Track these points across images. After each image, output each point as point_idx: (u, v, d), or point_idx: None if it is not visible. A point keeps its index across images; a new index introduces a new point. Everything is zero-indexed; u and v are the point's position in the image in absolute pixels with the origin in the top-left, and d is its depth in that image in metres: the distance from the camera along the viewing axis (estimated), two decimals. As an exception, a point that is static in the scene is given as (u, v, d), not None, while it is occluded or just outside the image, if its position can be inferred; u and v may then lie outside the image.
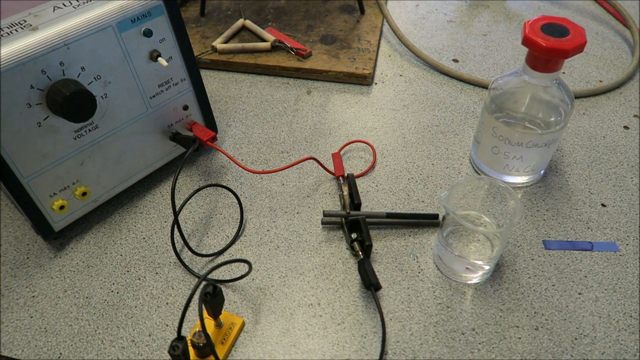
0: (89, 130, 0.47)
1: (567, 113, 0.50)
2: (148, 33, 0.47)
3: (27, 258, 0.49)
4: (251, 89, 0.68)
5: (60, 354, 0.42)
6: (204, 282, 0.39)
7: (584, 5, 0.85)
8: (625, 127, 0.62)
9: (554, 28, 0.47)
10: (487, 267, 0.46)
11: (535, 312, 0.45)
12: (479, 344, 0.43)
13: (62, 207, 0.47)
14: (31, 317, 0.45)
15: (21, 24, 0.42)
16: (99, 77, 0.45)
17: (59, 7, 0.44)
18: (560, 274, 0.48)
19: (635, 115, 0.64)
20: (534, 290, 0.46)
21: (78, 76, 0.44)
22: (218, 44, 0.71)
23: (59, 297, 0.46)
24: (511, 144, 0.51)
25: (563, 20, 0.47)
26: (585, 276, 0.47)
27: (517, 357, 0.42)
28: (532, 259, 0.49)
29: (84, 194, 0.49)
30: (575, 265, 0.48)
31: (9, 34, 0.41)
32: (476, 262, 0.45)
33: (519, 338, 0.43)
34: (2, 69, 0.39)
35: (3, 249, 0.50)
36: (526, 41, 0.46)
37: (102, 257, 0.49)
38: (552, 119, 0.50)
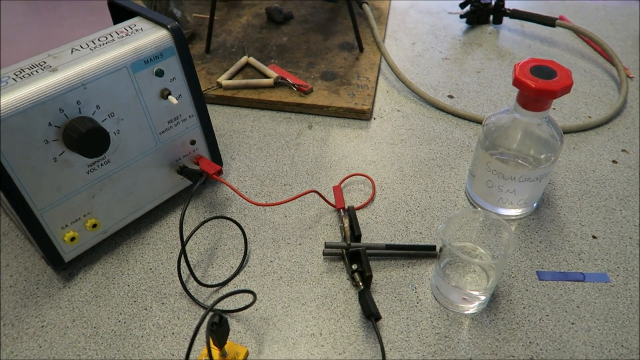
0: (102, 164, 0.49)
1: (556, 149, 0.52)
2: (160, 73, 0.50)
3: (37, 288, 0.51)
4: (255, 123, 0.71)
5: (69, 383, 0.43)
6: (210, 313, 0.40)
7: (573, 44, 0.88)
8: (614, 162, 0.65)
9: (542, 70, 0.49)
10: (483, 298, 0.48)
11: (530, 342, 0.46)
12: (477, 373, 0.44)
13: (73, 239, 0.49)
14: (40, 346, 0.46)
15: (41, 65, 0.45)
16: (112, 114, 0.48)
17: (76, 49, 0.47)
18: (554, 304, 0.49)
19: (623, 150, 0.67)
20: (529, 320, 0.48)
21: (93, 114, 0.46)
22: (223, 80, 0.74)
23: (68, 327, 0.48)
24: (504, 178, 0.53)
25: (551, 63, 0.50)
26: (578, 306, 0.49)
27: (514, 386, 0.43)
28: (527, 290, 0.51)
29: (94, 225, 0.50)
30: (568, 295, 0.50)
31: (30, 75, 0.44)
32: (472, 292, 0.47)
33: (515, 367, 0.44)
34: (23, 109, 0.42)
35: (13, 280, 0.51)
36: (517, 82, 0.49)
37: (110, 287, 0.51)
38: (543, 156, 0.52)
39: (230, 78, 0.76)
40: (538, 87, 0.48)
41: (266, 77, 0.76)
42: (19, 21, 2.44)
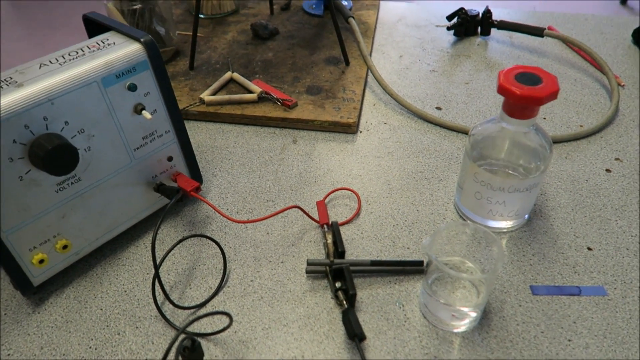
0: (72, 183, 0.47)
1: (546, 157, 0.50)
2: (133, 87, 0.48)
3: (5, 314, 0.48)
4: (238, 139, 0.69)
5: (33, 415, 0.41)
6: (182, 336, 0.38)
7: (562, 54, 0.87)
8: (607, 170, 0.63)
9: (528, 77, 0.48)
10: (473, 314, 0.45)
11: (524, 361, 0.44)
12: (468, 396, 0.41)
13: (42, 261, 0.47)
14: (5, 376, 0.43)
15: (7, 81, 0.43)
16: (82, 130, 0.46)
17: (45, 64, 0.46)
18: (549, 320, 0.47)
19: (616, 159, 0.65)
20: (523, 337, 0.45)
21: (61, 130, 0.45)
22: (206, 96, 0.73)
23: (35, 354, 0.45)
24: (493, 189, 0.51)
25: (536, 69, 0.49)
26: (575, 322, 0.47)
27: (508, 410, 0.40)
28: (520, 305, 0.48)
29: (65, 247, 0.48)
30: (563, 310, 0.48)
31: (-6, 91, 0.42)
32: (462, 309, 0.45)
33: (509, 389, 0.42)
34: (-15, 125, 0.40)
35: (-19, 305, 0.49)
36: (501, 89, 0.48)
37: (82, 311, 0.48)
38: (532, 165, 0.50)
39: (214, 94, 0.74)
40: (523, 94, 0.46)
41: (250, 92, 0.74)
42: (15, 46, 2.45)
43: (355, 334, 0.43)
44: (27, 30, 2.56)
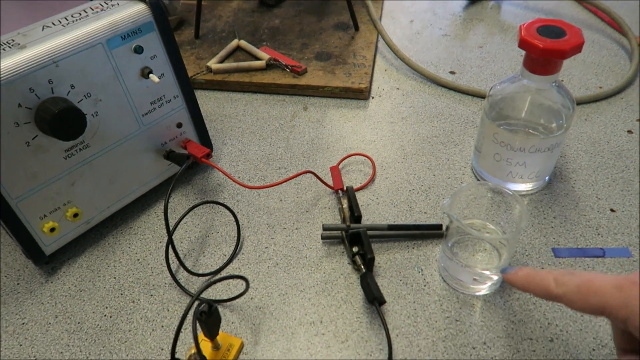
0: (80, 149, 0.46)
1: (568, 116, 0.48)
2: (139, 50, 0.46)
3: (18, 284, 0.48)
4: (247, 107, 0.68)
5: (50, 383, 0.40)
6: (198, 301, 0.37)
7: (578, 15, 0.84)
8: (629, 132, 0.61)
9: (551, 30, 0.46)
10: (495, 278, 0.44)
11: (549, 323, 0.43)
12: (492, 358, 0.40)
13: (52, 230, 0.46)
14: (20, 345, 0.43)
15: (9, 43, 0.42)
16: (89, 94, 0.45)
17: (48, 26, 0.44)
18: (573, 282, 0.45)
19: (638, 120, 0.63)
20: (546, 300, 0.44)
21: (67, 94, 0.43)
22: (213, 64, 0.71)
23: (50, 323, 0.44)
24: (513, 149, 0.50)
25: (559, 22, 0.47)
26: (599, 283, 0.45)
27: (533, 371, 0.40)
28: (542, 268, 0.47)
29: (75, 215, 0.47)
30: (587, 272, 0.46)
31: (-4, 53, 0.40)
32: (483, 272, 0.44)
33: (533, 351, 0.41)
34: (-12, 87, 0.38)
35: (-7, 276, 0.48)
36: (523, 44, 0.45)
37: (95, 280, 0.48)
38: (554, 124, 0.49)
39: (221, 62, 0.72)
40: (547, 47, 0.44)
41: (258, 59, 0.72)
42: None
43: (374, 298, 0.42)
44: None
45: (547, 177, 0.54)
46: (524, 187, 0.53)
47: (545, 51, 0.44)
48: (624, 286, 0.30)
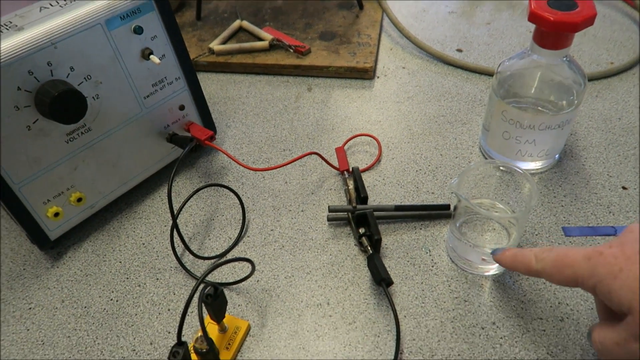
0: (82, 133, 0.45)
1: (579, 92, 0.47)
2: (138, 30, 0.45)
3: (24, 269, 0.48)
4: (250, 89, 0.67)
5: (58, 366, 0.40)
6: (203, 284, 0.37)
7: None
8: (641, 108, 0.60)
9: (561, 2, 0.44)
10: (504, 257, 0.43)
11: (559, 303, 0.42)
12: (501, 338, 0.40)
13: (57, 214, 0.46)
14: (28, 329, 0.43)
15: (6, 25, 0.41)
16: (89, 77, 0.44)
17: (45, 7, 0.43)
18: (583, 261, 0.45)
19: (650, 95, 0.61)
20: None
21: (67, 77, 0.42)
22: (215, 45, 0.70)
23: (57, 307, 0.44)
24: (522, 127, 0.48)
25: (570, -6, 0.45)
26: (610, 262, 0.44)
27: (543, 351, 0.39)
28: (552, 247, 0.46)
29: (79, 199, 0.47)
30: (598, 251, 0.45)
31: (-7, 35, 0.40)
32: (492, 252, 0.43)
33: (544, 330, 0.40)
34: (-14, 70, 0.38)
35: (-1, 261, 0.48)
36: (533, 17, 0.44)
37: (101, 264, 0.47)
38: (564, 101, 0.47)
39: (223, 43, 0.71)
40: (558, 20, 0.43)
41: (260, 40, 0.71)
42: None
43: (382, 279, 0.42)
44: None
45: (557, 155, 0.53)
46: (534, 165, 0.52)
47: (556, 24, 0.43)
48: (592, 256, 0.31)
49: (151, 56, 0.47)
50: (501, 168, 0.44)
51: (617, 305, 0.30)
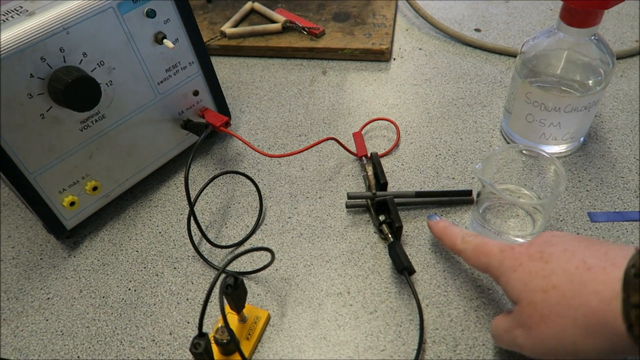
0: (96, 120, 0.44)
1: (607, 72, 0.45)
2: (151, 14, 0.44)
3: (41, 259, 0.47)
4: (264, 73, 0.65)
5: (78, 357, 0.40)
6: (223, 274, 0.36)
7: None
8: (669, 88, 0.58)
9: (591, -22, 0.42)
10: (529, 244, 0.42)
11: (586, 290, 0.41)
12: (526, 327, 0.39)
13: (72, 204, 0.45)
14: (47, 320, 0.43)
15: (17, 10, 0.40)
16: (102, 63, 0.43)
17: (55, -9, 0.42)
18: (611, 248, 0.43)
19: (678, 75, 0.59)
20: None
21: (80, 63, 0.41)
22: (227, 28, 0.68)
23: (75, 297, 0.44)
24: (547, 109, 0.47)
25: (600, -31, 0.43)
26: (639, 248, 0.43)
27: (570, 340, 0.38)
28: (578, 233, 0.45)
29: (94, 188, 0.46)
30: (626, 237, 0.44)
31: (4, 21, 0.39)
32: (517, 239, 0.42)
33: (570, 319, 0.39)
34: (-1, 57, 0.37)
35: (16, 251, 0.48)
36: (561, -6, 0.42)
37: (118, 254, 0.47)
38: (591, 81, 0.46)
39: (235, 26, 0.70)
40: (587, -3, 0.41)
41: (273, 22, 0.69)
42: None
43: (404, 267, 0.41)
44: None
45: (582, 138, 0.51)
46: (558, 149, 0.51)
47: (586, 1, 0.41)
48: (505, 250, 0.34)
49: (164, 40, 0.45)
50: (527, 152, 0.43)
51: (510, 296, 0.33)
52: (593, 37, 0.45)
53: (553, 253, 0.31)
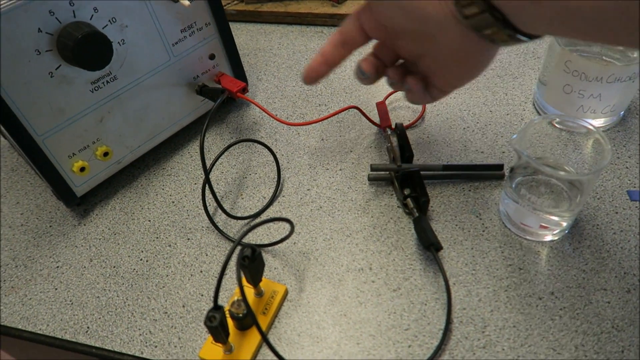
0: (107, 81, 0.42)
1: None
2: (166, -32, 0.41)
3: (50, 226, 0.46)
4: (282, 40, 0.62)
5: (88, 327, 0.38)
6: (240, 246, 0.34)
7: None
8: None
9: None
10: (564, 224, 0.40)
11: (625, 273, 0.38)
12: (560, 309, 0.37)
13: (82, 169, 0.43)
14: (56, 288, 0.41)
15: (24, -40, 0.37)
16: (114, 19, 0.40)
17: (65, -59, 0.39)
18: (652, 228, 0.41)
19: None
20: (622, 247, 0.40)
21: (91, 19, 0.39)
22: (244, -7, 0.65)
23: (85, 267, 0.42)
24: (588, 79, 0.44)
25: None
26: (683, 230, 0.40)
27: (608, 324, 0.36)
28: (616, 212, 0.42)
29: (105, 154, 0.44)
30: (668, 217, 0.41)
31: (10, -29, 0.36)
32: (553, 217, 0.39)
33: (608, 302, 0.37)
34: (3, 9, 0.34)
35: (24, 218, 0.47)
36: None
37: (129, 223, 0.45)
38: (635, 51, 0.42)
39: (252, -9, 0.67)
40: (641, -46, 0.37)
41: (293, -13, 0.66)
42: None
43: (431, 243, 0.38)
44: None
45: (621, 112, 0.48)
46: (596, 123, 0.48)
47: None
48: None
49: (180, -2, 0.43)
50: (565, 124, 0.40)
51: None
52: None
53: None
